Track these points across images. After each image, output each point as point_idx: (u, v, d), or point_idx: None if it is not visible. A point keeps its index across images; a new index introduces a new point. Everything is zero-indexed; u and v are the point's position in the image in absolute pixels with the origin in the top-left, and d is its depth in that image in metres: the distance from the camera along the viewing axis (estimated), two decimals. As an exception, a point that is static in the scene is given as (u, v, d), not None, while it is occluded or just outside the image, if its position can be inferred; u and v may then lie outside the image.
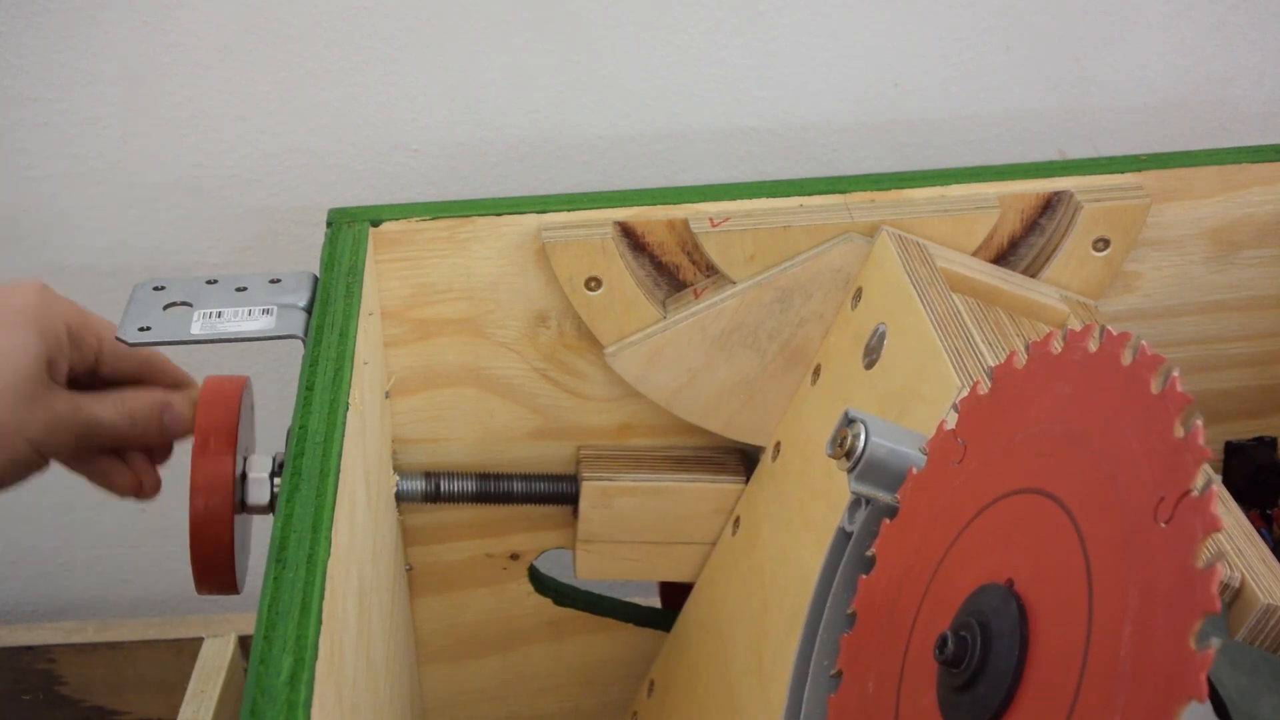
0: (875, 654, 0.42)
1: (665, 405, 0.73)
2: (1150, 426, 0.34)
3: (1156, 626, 0.30)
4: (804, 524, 0.66)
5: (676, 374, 0.72)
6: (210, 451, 0.57)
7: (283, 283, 0.66)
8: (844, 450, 0.45)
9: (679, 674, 0.81)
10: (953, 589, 0.39)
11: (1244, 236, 0.73)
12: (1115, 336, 0.37)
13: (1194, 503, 0.31)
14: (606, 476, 0.76)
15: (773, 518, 0.71)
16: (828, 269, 0.69)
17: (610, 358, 0.72)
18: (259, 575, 0.48)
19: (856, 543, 0.46)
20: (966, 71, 0.87)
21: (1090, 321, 0.69)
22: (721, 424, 0.74)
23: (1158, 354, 0.35)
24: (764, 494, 0.73)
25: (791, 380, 0.72)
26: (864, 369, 0.64)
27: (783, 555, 0.68)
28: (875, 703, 0.41)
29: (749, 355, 0.72)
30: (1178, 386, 0.34)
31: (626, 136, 0.86)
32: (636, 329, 0.71)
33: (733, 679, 0.70)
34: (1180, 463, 0.32)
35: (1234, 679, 0.38)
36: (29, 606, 1.02)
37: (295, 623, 0.44)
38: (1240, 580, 0.48)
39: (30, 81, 0.81)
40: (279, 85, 0.82)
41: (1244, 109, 0.90)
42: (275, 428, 0.60)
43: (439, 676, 0.86)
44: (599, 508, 0.76)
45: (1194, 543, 0.30)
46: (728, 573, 0.76)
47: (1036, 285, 0.70)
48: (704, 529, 0.77)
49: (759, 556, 0.71)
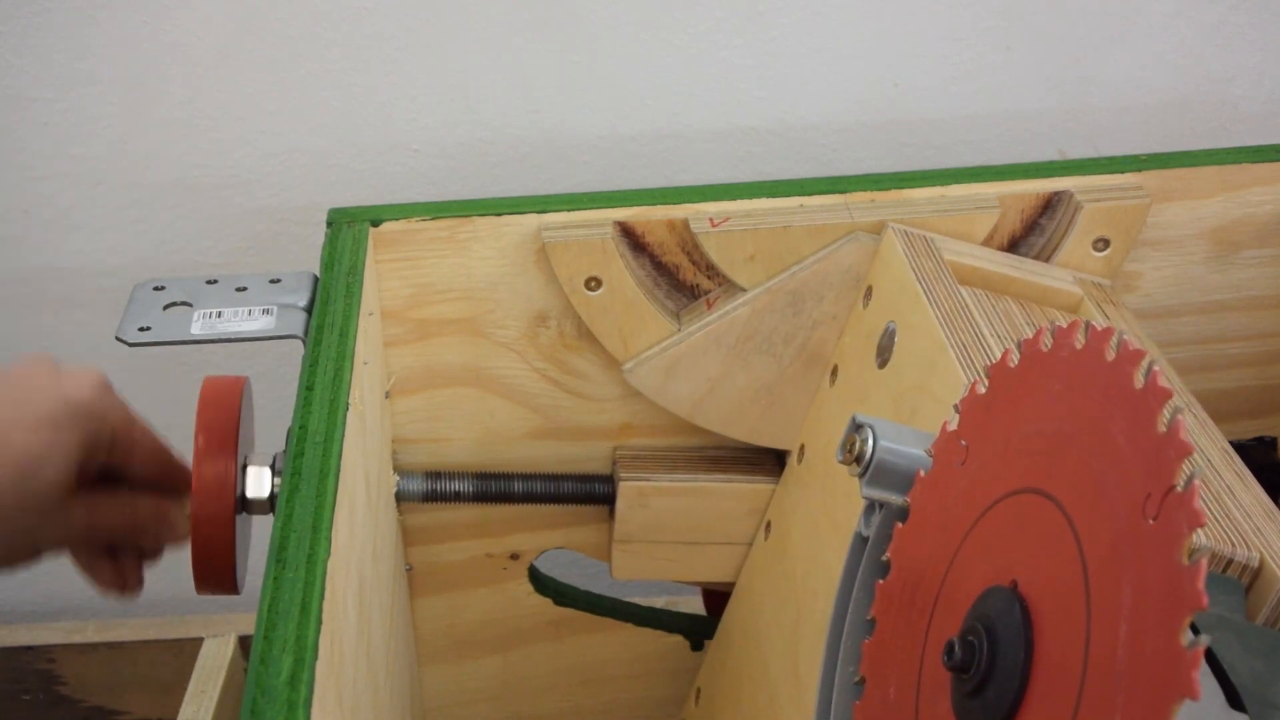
0: (895, 660, 0.42)
1: (688, 417, 0.73)
2: (1135, 422, 0.33)
3: (1149, 625, 0.30)
4: (830, 527, 0.66)
5: (696, 385, 0.72)
6: (210, 452, 0.57)
7: (283, 283, 0.66)
8: (853, 455, 0.45)
9: (723, 682, 0.81)
10: (962, 592, 0.39)
11: (1244, 236, 0.73)
12: (1099, 332, 0.37)
13: (1178, 498, 0.31)
14: (644, 477, 0.76)
15: (801, 522, 0.71)
16: (836, 270, 0.69)
17: (628, 373, 0.72)
18: (259, 575, 0.48)
19: (873, 547, 0.46)
20: (966, 71, 0.87)
21: (1106, 302, 0.68)
22: (746, 431, 0.74)
23: (1139, 348, 0.35)
24: (791, 498, 0.73)
25: (811, 383, 0.72)
26: (877, 368, 0.64)
27: (812, 559, 0.68)
28: (897, 709, 0.41)
29: (766, 361, 0.72)
30: (1158, 381, 0.33)
31: (626, 136, 0.86)
32: (648, 340, 0.71)
33: (773, 685, 0.70)
34: (1163, 458, 0.32)
35: (1247, 663, 0.37)
36: (29, 606, 1.02)
37: (295, 623, 0.44)
38: (1259, 560, 0.46)
39: (30, 81, 0.81)
40: (279, 85, 0.82)
41: (1244, 109, 0.90)
42: (275, 428, 0.60)
43: (439, 676, 0.86)
44: (636, 508, 0.76)
45: (1180, 539, 0.30)
46: (762, 578, 0.76)
47: (1049, 270, 0.69)
48: (741, 529, 0.77)
49: (790, 561, 0.71)
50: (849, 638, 0.46)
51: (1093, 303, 0.67)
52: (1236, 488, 0.52)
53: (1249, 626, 0.40)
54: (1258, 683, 0.36)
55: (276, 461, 0.59)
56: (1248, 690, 0.35)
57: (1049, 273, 0.69)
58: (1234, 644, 0.37)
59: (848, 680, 0.45)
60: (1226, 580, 0.46)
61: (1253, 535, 0.48)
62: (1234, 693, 0.36)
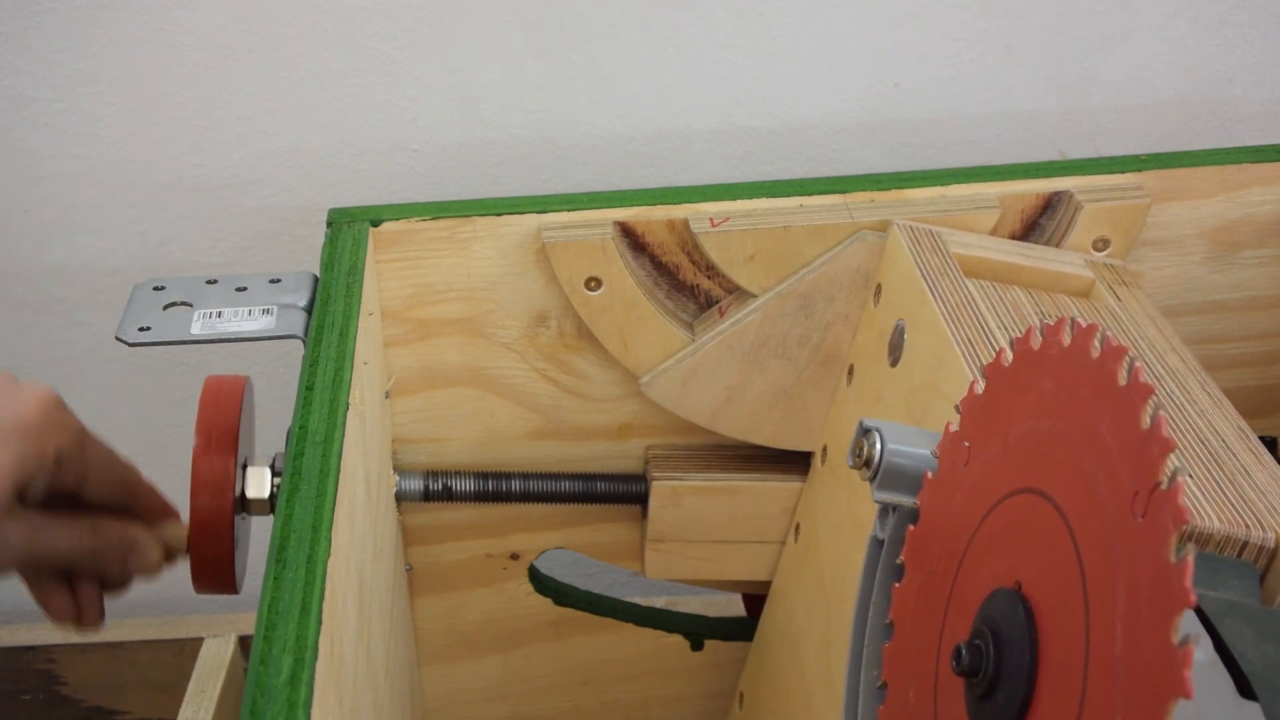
0: (913, 663, 0.42)
1: (709, 426, 0.73)
2: (1120, 419, 0.33)
3: (1142, 623, 0.30)
4: (854, 528, 0.66)
5: (713, 394, 0.72)
6: (210, 451, 0.57)
7: (283, 283, 0.66)
8: (863, 460, 0.45)
9: (762, 686, 0.81)
10: (971, 594, 0.39)
11: (1244, 236, 0.73)
12: (1084, 329, 0.37)
13: (1163, 495, 0.31)
14: (676, 476, 0.76)
15: (827, 523, 0.71)
16: (845, 270, 0.69)
17: (645, 387, 0.72)
18: (259, 575, 0.48)
19: (888, 550, 0.46)
20: (966, 71, 0.87)
21: (1119, 283, 0.68)
22: (767, 436, 0.74)
23: (1121, 344, 0.35)
24: (817, 499, 0.73)
25: (828, 383, 0.72)
26: (890, 366, 0.64)
27: (839, 560, 0.68)
28: (917, 713, 0.41)
29: (782, 365, 0.72)
30: (1140, 377, 0.33)
31: (626, 136, 0.86)
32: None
33: (809, 689, 0.70)
34: (1147, 455, 0.32)
35: (1259, 650, 0.35)
36: (29, 606, 1.02)
37: (295, 623, 0.44)
38: (1275, 541, 0.45)
39: (30, 81, 0.81)
40: (279, 85, 0.82)
41: (1244, 109, 0.90)
42: (275, 428, 0.60)
43: (439, 676, 0.86)
44: (669, 507, 0.76)
45: (1166, 536, 0.30)
46: (793, 580, 0.76)
47: (1059, 254, 0.68)
48: (773, 527, 0.78)
49: (819, 563, 0.71)
50: (870, 641, 0.46)
51: (1104, 285, 0.66)
52: (1252, 467, 0.51)
53: (1263, 611, 0.38)
54: (1270, 669, 0.35)
55: (276, 461, 0.59)
56: (1259, 678, 0.35)
57: (1059, 257, 0.68)
58: (1245, 630, 0.36)
59: (871, 684, 0.45)
60: (1240, 564, 0.45)
61: (1268, 515, 0.46)
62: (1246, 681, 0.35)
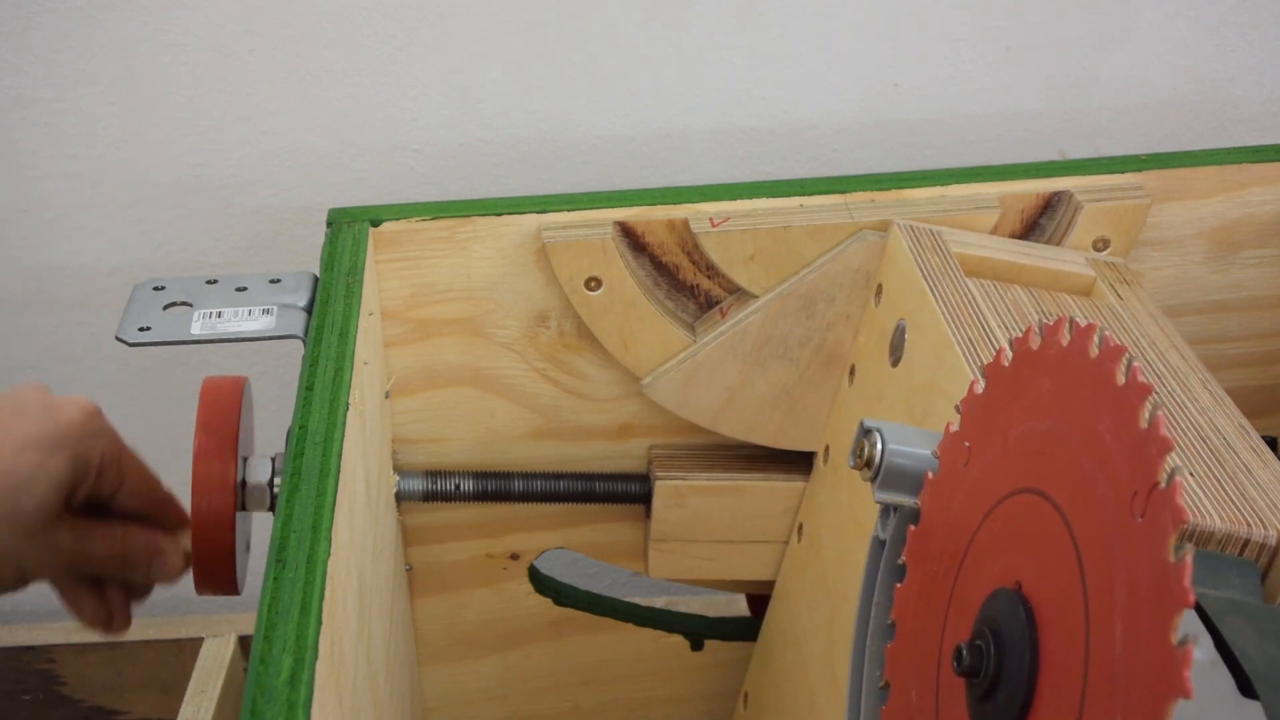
0: (915, 664, 0.42)
1: (710, 427, 0.73)
2: (1119, 419, 0.33)
3: (1142, 623, 0.30)
4: (857, 528, 0.66)
5: (715, 395, 0.72)
6: (210, 452, 0.57)
7: (283, 283, 0.66)
8: (864, 460, 0.45)
9: (767, 686, 0.81)
10: (972, 594, 0.39)
11: (1244, 236, 0.73)
12: (1083, 329, 0.37)
13: (1162, 495, 0.31)
14: (680, 476, 0.76)
15: (830, 523, 0.71)
16: (845, 270, 0.69)
17: (647, 388, 0.72)
18: (259, 575, 0.48)
19: (890, 551, 0.46)
20: (966, 71, 0.87)
21: (1120, 281, 0.68)
22: (769, 436, 0.74)
23: (1119, 344, 0.35)
24: (820, 499, 0.73)
25: (830, 384, 0.72)
26: (891, 366, 0.64)
27: (842, 561, 0.68)
28: (919, 713, 0.41)
29: (783, 365, 0.72)
30: (1139, 376, 0.33)
31: (626, 136, 0.86)
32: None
33: (812, 689, 0.70)
34: (1146, 455, 0.32)
35: (1261, 649, 0.35)
36: (29, 606, 1.02)
37: (295, 623, 0.44)
38: (1276, 539, 0.44)
39: (30, 81, 0.81)
40: (279, 85, 0.82)
41: (1244, 109, 0.90)
42: (275, 428, 0.60)
43: (439, 676, 0.86)
44: (673, 507, 0.76)
45: (1165, 536, 0.30)
46: (796, 580, 0.76)
47: (1060, 253, 0.68)
48: (777, 527, 0.77)
49: (822, 563, 0.71)
50: (873, 641, 0.46)
51: (1105, 284, 0.66)
52: (1254, 465, 0.51)
53: (1264, 609, 0.38)
54: (1271, 668, 0.35)
55: (276, 461, 0.59)
56: (1260, 676, 0.34)
57: (1060, 255, 0.68)
58: (1247, 629, 0.36)
59: (874, 685, 0.45)
60: (1241, 562, 0.45)
61: (1269, 513, 0.46)
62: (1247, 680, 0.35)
